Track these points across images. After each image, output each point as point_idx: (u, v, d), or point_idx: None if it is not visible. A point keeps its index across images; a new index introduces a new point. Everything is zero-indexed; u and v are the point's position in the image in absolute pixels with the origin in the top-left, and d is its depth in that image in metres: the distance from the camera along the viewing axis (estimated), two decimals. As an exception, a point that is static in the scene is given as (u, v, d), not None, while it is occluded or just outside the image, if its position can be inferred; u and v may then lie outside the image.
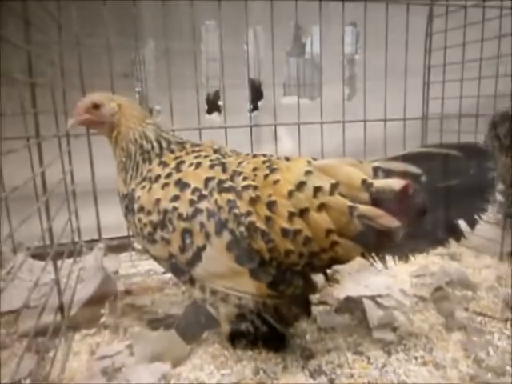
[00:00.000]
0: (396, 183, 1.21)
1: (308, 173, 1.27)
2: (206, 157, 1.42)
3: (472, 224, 1.29)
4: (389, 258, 1.33)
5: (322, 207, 1.23)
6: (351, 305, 1.65)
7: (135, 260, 2.21)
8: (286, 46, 2.78)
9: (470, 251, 2.23)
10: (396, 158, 1.27)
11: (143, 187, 1.39)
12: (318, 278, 1.87)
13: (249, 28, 2.39)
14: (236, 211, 1.26)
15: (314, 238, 1.23)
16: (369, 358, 1.36)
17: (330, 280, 1.86)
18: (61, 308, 1.44)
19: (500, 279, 1.86)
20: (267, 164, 1.34)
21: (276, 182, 1.28)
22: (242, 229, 1.25)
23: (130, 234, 2.08)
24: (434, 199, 1.24)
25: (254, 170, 1.33)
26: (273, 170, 1.31)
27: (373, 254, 1.31)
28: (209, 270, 1.30)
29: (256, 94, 2.74)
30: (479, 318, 1.58)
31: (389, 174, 1.25)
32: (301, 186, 1.25)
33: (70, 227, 1.84)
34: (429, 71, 2.53)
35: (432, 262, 2.12)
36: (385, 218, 1.21)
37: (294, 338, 1.47)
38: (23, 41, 1.26)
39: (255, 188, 1.28)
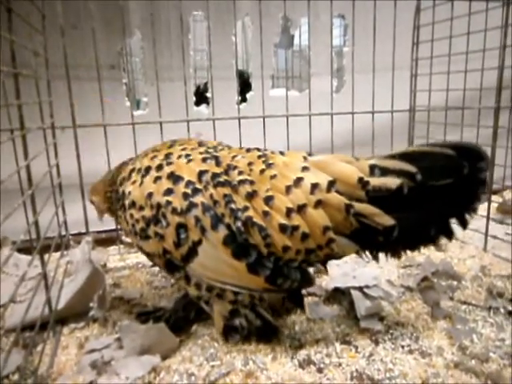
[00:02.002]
0: (392, 182, 1.23)
1: (305, 169, 1.28)
2: (193, 149, 1.41)
3: (464, 223, 1.31)
4: (382, 254, 1.35)
5: (319, 204, 1.23)
6: (339, 296, 1.67)
7: (123, 253, 2.20)
8: (274, 38, 2.76)
9: (455, 242, 2.27)
10: (392, 157, 1.27)
11: (134, 182, 1.38)
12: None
13: (237, 19, 2.37)
14: (232, 206, 1.26)
15: (311, 234, 1.23)
16: (357, 348, 1.38)
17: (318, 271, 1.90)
18: (48, 302, 1.42)
19: (484, 269, 1.90)
20: (263, 159, 1.34)
21: (273, 177, 1.28)
22: (239, 224, 1.25)
23: (121, 230, 2.06)
24: (427, 198, 1.25)
25: (250, 164, 1.33)
26: (269, 165, 1.31)
27: (368, 251, 1.33)
28: (205, 265, 1.29)
29: (244, 85, 2.73)
30: (464, 307, 1.61)
31: (385, 172, 1.25)
32: (298, 181, 1.25)
33: (56, 221, 1.82)
34: (416, 64, 2.55)
35: (418, 253, 2.15)
36: (381, 216, 1.23)
37: (284, 329, 1.49)
38: (6, 30, 1.23)
39: (252, 183, 1.28)
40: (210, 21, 2.18)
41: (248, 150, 1.41)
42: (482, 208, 2.41)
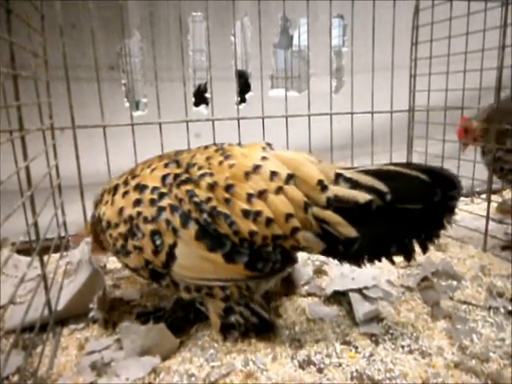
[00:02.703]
0: (361, 196, 1.22)
1: (264, 158, 1.30)
2: (155, 161, 1.47)
3: (424, 248, 1.31)
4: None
5: (280, 190, 1.24)
6: (339, 296, 1.67)
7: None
8: (273, 38, 2.77)
9: (454, 242, 2.27)
10: (366, 172, 1.26)
11: (106, 202, 1.43)
12: (306, 271, 1.90)
13: (236, 20, 2.37)
14: (196, 199, 1.28)
15: (275, 219, 1.24)
16: (357, 348, 1.38)
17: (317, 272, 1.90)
18: (48, 303, 1.42)
19: (484, 269, 1.90)
20: (220, 152, 1.37)
21: (231, 166, 1.30)
22: (205, 215, 1.27)
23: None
24: (394, 217, 1.25)
25: (208, 158, 1.36)
26: (227, 157, 1.33)
27: (331, 257, 1.34)
28: (185, 266, 1.30)
29: (244, 86, 2.73)
30: (464, 307, 1.61)
31: (355, 185, 1.24)
32: (257, 168, 1.27)
33: (56, 222, 1.82)
34: (415, 64, 2.55)
35: (418, 252, 2.14)
36: (345, 226, 1.23)
37: (284, 329, 1.49)
38: (5, 32, 1.23)
39: (211, 175, 1.30)
40: (209, 21, 2.18)
41: (206, 147, 1.45)
42: (482, 208, 2.42)
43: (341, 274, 1.77)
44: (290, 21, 2.77)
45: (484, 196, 2.98)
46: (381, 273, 1.85)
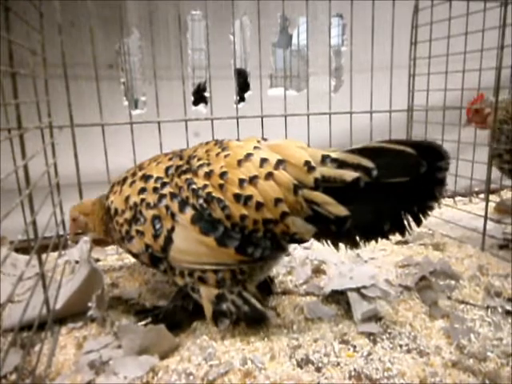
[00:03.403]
0: (348, 175, 1.26)
1: (256, 148, 1.37)
2: (161, 156, 1.58)
3: (418, 221, 1.33)
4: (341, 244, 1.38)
5: (269, 176, 1.30)
6: (337, 295, 1.67)
7: (121, 253, 2.19)
8: (272, 37, 2.76)
9: (453, 241, 2.28)
10: (352, 151, 1.29)
11: (114, 192, 1.54)
12: (305, 270, 1.90)
13: (235, 19, 2.37)
14: (194, 187, 1.37)
15: (264, 204, 1.29)
16: (355, 347, 1.38)
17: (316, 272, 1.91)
18: (46, 302, 1.42)
19: (482, 268, 1.90)
20: (218, 145, 1.45)
21: (227, 156, 1.38)
22: (201, 201, 1.35)
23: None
24: (383, 193, 1.27)
25: (207, 151, 1.45)
26: (224, 149, 1.41)
27: (325, 239, 1.37)
28: (181, 249, 1.38)
29: (243, 84, 2.73)
30: (461, 306, 1.62)
31: (342, 164, 1.28)
32: (248, 156, 1.34)
33: (54, 220, 1.81)
34: (414, 63, 2.55)
35: (416, 252, 2.16)
36: (334, 206, 1.27)
37: (282, 328, 1.49)
38: (4, 29, 1.23)
39: (209, 164, 1.39)
40: (208, 20, 2.18)
41: (207, 143, 1.52)
42: (480, 208, 2.43)
43: (339, 274, 1.77)
44: (289, 20, 2.77)
45: (482, 196, 2.99)
46: (379, 272, 1.86)
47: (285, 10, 2.52)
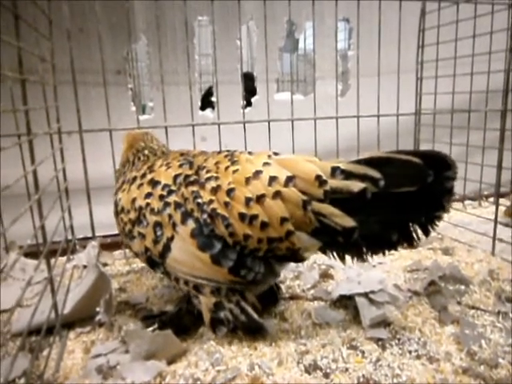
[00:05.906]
0: (355, 185, 1.25)
1: (266, 164, 1.35)
2: (174, 159, 1.56)
3: (426, 232, 1.31)
4: (348, 257, 1.37)
5: (277, 195, 1.28)
6: (345, 300, 1.66)
7: (129, 257, 2.20)
8: (279, 41, 2.77)
9: (462, 246, 2.25)
10: (358, 162, 1.29)
11: (123, 190, 1.55)
12: (312, 274, 1.89)
13: (242, 24, 2.38)
14: (199, 201, 1.36)
15: (269, 223, 1.28)
16: (363, 353, 1.36)
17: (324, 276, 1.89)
18: (55, 306, 1.43)
19: (492, 273, 1.88)
20: (229, 158, 1.44)
21: (235, 171, 1.36)
22: (205, 216, 1.34)
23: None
24: (390, 203, 1.26)
25: (217, 163, 1.43)
26: (233, 163, 1.40)
27: (332, 251, 1.36)
28: (178, 260, 1.38)
29: (251, 87, 2.74)
30: (472, 312, 1.59)
31: (349, 175, 1.27)
32: (257, 174, 1.33)
33: (63, 225, 1.83)
34: (421, 67, 2.54)
35: (425, 256, 2.14)
36: (341, 217, 1.26)
37: (289, 334, 1.48)
38: (13, 37, 1.24)
39: (217, 178, 1.38)
40: (215, 25, 2.19)
41: (219, 153, 1.52)
42: (490, 211, 2.40)
43: (347, 278, 1.76)
44: (295, 24, 2.77)
45: (492, 199, 2.96)
46: (387, 277, 1.84)
47: (291, 15, 2.53)
